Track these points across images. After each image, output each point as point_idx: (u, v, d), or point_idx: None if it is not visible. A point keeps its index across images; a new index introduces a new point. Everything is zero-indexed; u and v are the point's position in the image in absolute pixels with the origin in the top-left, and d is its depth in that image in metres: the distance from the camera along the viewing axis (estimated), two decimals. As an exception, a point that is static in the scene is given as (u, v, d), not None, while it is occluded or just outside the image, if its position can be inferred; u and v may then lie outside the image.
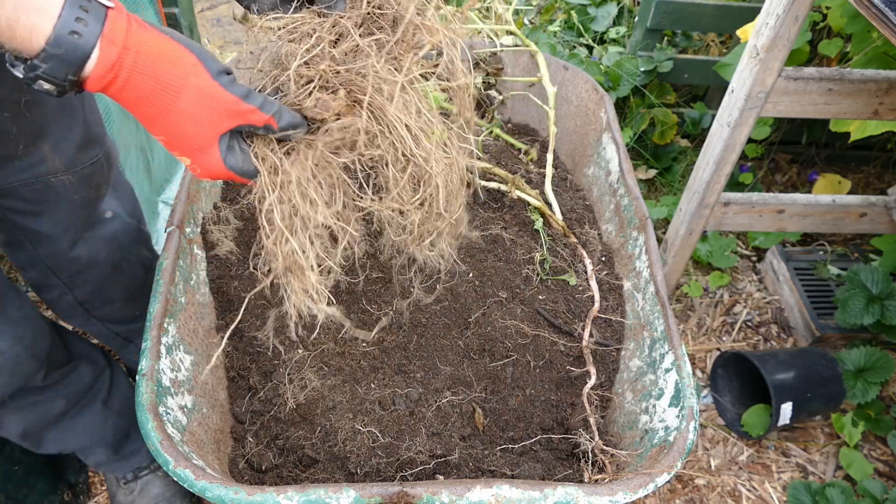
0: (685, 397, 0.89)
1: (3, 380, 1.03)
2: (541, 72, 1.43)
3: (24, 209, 1.03)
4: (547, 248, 1.20)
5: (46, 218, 1.05)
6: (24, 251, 1.10)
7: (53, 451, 1.24)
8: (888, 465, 1.67)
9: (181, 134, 0.66)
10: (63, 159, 1.01)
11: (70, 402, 1.21)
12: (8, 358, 1.02)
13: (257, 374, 1.02)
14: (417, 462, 0.91)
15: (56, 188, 1.02)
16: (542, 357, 1.06)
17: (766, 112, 1.50)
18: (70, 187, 1.04)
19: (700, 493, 1.61)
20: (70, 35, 0.56)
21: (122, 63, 0.60)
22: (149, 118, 0.64)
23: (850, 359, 1.68)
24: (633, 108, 2.22)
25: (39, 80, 0.58)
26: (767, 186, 2.39)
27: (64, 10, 0.56)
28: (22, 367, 1.05)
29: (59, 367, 1.17)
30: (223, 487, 0.73)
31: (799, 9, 1.29)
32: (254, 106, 0.68)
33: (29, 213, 1.04)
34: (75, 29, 0.56)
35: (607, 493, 0.76)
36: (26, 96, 0.89)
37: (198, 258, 1.09)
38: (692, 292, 2.02)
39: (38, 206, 1.03)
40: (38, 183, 1.00)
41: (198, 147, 0.67)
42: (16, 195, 1.00)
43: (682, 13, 2.02)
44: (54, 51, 0.56)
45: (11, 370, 1.04)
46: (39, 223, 1.05)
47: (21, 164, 0.96)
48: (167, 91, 0.63)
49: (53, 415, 1.19)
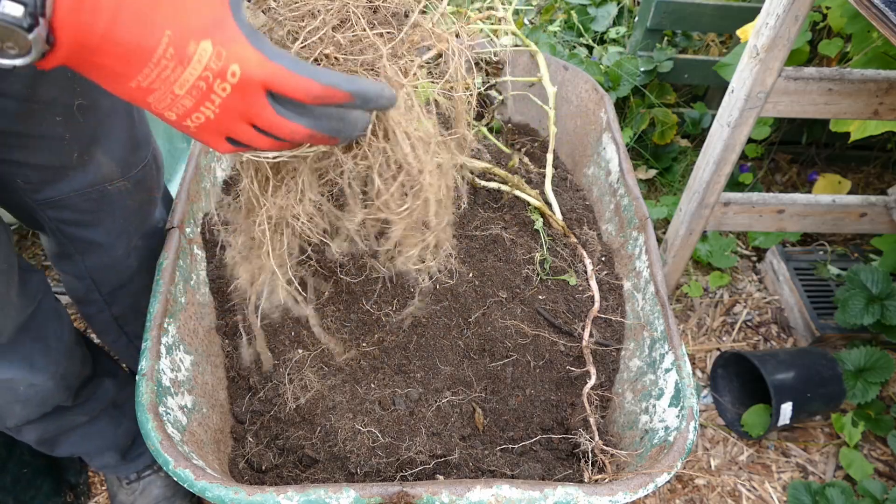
0: (685, 397, 0.89)
1: (32, 409, 1.03)
2: (541, 72, 1.43)
3: (78, 220, 0.99)
4: (547, 248, 1.20)
5: (101, 227, 1.01)
6: (71, 262, 1.06)
7: (66, 454, 1.24)
8: (888, 465, 1.67)
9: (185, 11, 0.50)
10: (118, 165, 0.97)
11: (92, 416, 1.21)
12: (39, 391, 1.01)
13: (257, 374, 1.02)
14: (417, 462, 0.91)
15: (112, 196, 0.98)
16: (542, 357, 1.06)
17: (766, 112, 1.50)
18: (125, 193, 1.00)
19: (700, 493, 1.61)
20: None
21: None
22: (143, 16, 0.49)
23: (850, 359, 1.68)
24: (633, 108, 2.22)
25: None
26: (767, 186, 2.39)
27: None
28: (52, 399, 1.05)
29: (85, 385, 1.16)
30: (223, 487, 0.73)
31: (799, 9, 1.29)
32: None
33: (83, 224, 1.00)
34: None
35: (607, 493, 0.76)
36: (79, 99, 0.85)
37: (198, 258, 1.09)
38: (692, 292, 2.02)
39: (93, 216, 0.99)
40: (93, 192, 0.96)
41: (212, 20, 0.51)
42: (71, 207, 0.96)
43: (682, 13, 2.02)
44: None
45: (41, 401, 1.03)
46: (94, 232, 1.01)
47: (76, 174, 0.93)
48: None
49: (73, 426, 1.19)
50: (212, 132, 0.56)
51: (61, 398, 1.06)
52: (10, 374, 0.96)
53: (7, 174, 0.90)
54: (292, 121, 0.56)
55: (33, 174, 0.91)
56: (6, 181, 0.91)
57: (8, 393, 0.98)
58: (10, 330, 0.93)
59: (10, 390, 0.97)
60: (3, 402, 0.98)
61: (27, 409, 1.02)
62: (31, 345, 0.97)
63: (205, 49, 0.50)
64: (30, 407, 1.02)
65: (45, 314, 1.00)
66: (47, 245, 1.08)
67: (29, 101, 0.79)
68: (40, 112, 0.47)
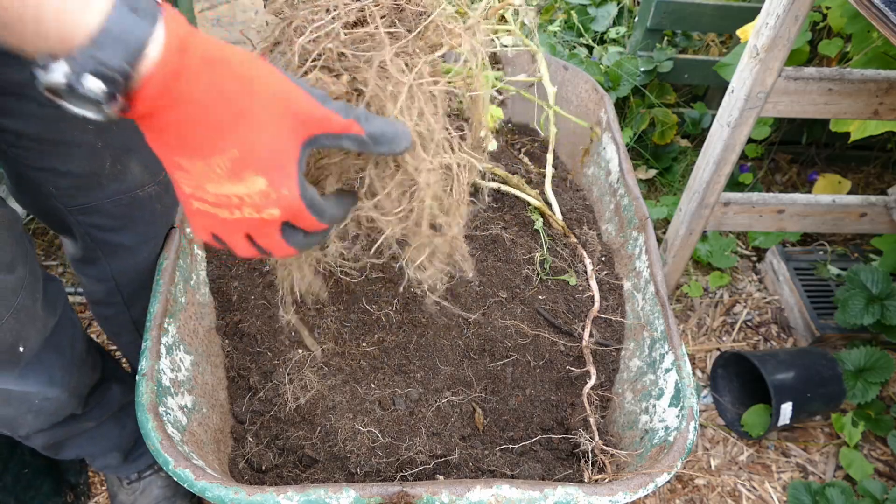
0: (685, 397, 0.89)
1: (43, 419, 1.03)
2: (541, 72, 1.43)
3: (107, 225, 0.99)
4: (547, 248, 1.20)
5: (130, 230, 1.01)
6: (96, 266, 1.06)
7: (71, 457, 1.24)
8: (888, 465, 1.67)
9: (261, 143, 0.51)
10: (149, 170, 0.97)
11: (99, 422, 1.21)
12: (52, 403, 1.01)
13: (257, 374, 1.02)
14: (417, 462, 0.91)
15: (143, 200, 0.99)
16: (542, 357, 1.06)
17: (766, 112, 1.50)
18: (155, 198, 1.00)
19: (700, 493, 1.61)
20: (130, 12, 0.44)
21: (188, 43, 0.46)
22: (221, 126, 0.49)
23: (850, 359, 1.68)
24: (633, 108, 2.22)
25: (86, 75, 0.44)
26: (767, 186, 2.39)
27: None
28: (65, 409, 1.05)
29: (94, 392, 1.16)
30: (223, 487, 0.73)
31: (799, 9, 1.29)
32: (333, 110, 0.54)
33: (112, 229, 1.00)
34: (136, 6, 0.45)
35: (607, 493, 0.76)
36: None
37: (198, 258, 1.09)
38: (692, 292, 2.02)
39: (122, 221, 0.99)
40: (124, 198, 0.96)
41: (279, 158, 0.52)
42: (102, 212, 0.96)
43: (682, 13, 2.02)
44: (113, 28, 0.43)
45: (53, 411, 1.03)
46: (122, 236, 1.01)
47: (109, 183, 0.93)
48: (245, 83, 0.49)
49: (81, 431, 1.19)
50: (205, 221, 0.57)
51: (73, 407, 1.07)
52: (30, 388, 0.96)
53: (40, 180, 0.90)
54: (289, 243, 0.58)
55: (65, 181, 0.91)
56: (39, 187, 0.91)
57: (22, 405, 0.98)
58: (38, 344, 0.92)
59: (24, 402, 0.97)
60: (17, 413, 0.98)
61: (39, 419, 1.02)
62: (51, 358, 0.97)
63: (256, 182, 0.52)
64: (42, 417, 1.02)
65: (64, 325, 1.00)
66: (71, 249, 1.08)
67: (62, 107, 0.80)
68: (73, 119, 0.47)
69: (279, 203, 0.53)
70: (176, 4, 2.08)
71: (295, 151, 0.53)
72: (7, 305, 0.83)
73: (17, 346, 0.87)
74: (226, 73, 0.49)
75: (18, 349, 0.88)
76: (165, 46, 0.45)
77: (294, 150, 0.53)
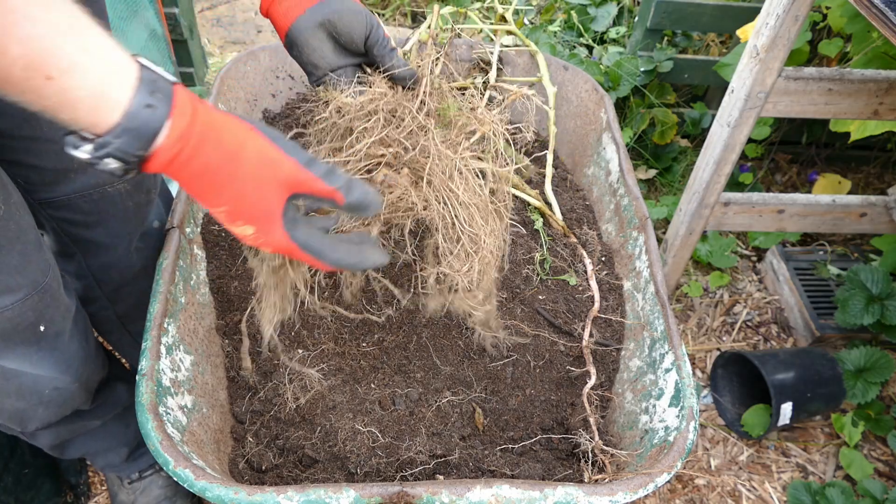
0: (685, 397, 0.89)
1: (53, 411, 1.03)
2: (541, 72, 1.43)
3: (79, 220, 1.00)
4: (547, 248, 1.20)
5: (102, 227, 1.03)
6: (74, 262, 1.07)
7: (76, 455, 1.25)
8: (888, 465, 1.67)
9: (246, 202, 0.63)
10: None
11: (105, 420, 1.22)
12: (62, 392, 1.01)
13: (257, 374, 1.02)
14: (417, 462, 0.91)
15: (112, 197, 1.00)
16: (542, 357, 1.06)
17: (766, 112, 1.50)
18: (125, 194, 1.02)
19: (700, 493, 1.61)
20: (146, 108, 0.55)
21: (190, 133, 0.59)
22: (214, 188, 0.62)
23: (850, 359, 1.68)
24: (633, 108, 2.22)
25: (108, 157, 0.56)
26: (767, 186, 2.39)
27: (140, 83, 0.56)
28: (73, 401, 1.05)
29: (101, 389, 1.17)
30: (223, 487, 0.73)
31: (799, 9, 1.29)
32: (316, 174, 0.66)
33: (84, 224, 1.01)
34: (150, 102, 0.56)
35: (607, 493, 0.76)
36: None
37: (198, 258, 1.09)
38: (692, 292, 2.02)
39: (94, 217, 1.01)
40: (94, 193, 0.98)
41: (262, 216, 0.65)
42: (71, 207, 0.98)
43: (682, 13, 2.02)
44: (130, 124, 0.55)
45: (62, 403, 1.03)
46: (95, 233, 1.03)
47: (77, 177, 0.94)
48: (231, 158, 0.61)
49: (86, 430, 1.20)
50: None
51: (82, 401, 1.07)
52: (44, 372, 0.96)
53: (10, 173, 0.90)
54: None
55: (35, 175, 0.92)
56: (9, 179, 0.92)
57: (34, 396, 0.98)
58: (59, 327, 0.93)
59: (36, 393, 0.98)
60: (28, 405, 0.99)
61: (49, 411, 1.02)
62: (68, 344, 0.98)
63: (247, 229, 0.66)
64: (52, 409, 1.02)
65: (80, 314, 1.02)
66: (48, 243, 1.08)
67: None
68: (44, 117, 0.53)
69: (269, 245, 0.67)
70: (176, 5, 2.08)
71: (279, 205, 0.65)
72: (35, 283, 0.85)
73: (39, 325, 0.88)
74: (218, 148, 0.61)
75: (39, 328, 0.89)
76: (172, 129, 0.57)
77: (278, 205, 0.65)
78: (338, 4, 0.82)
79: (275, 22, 0.84)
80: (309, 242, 0.68)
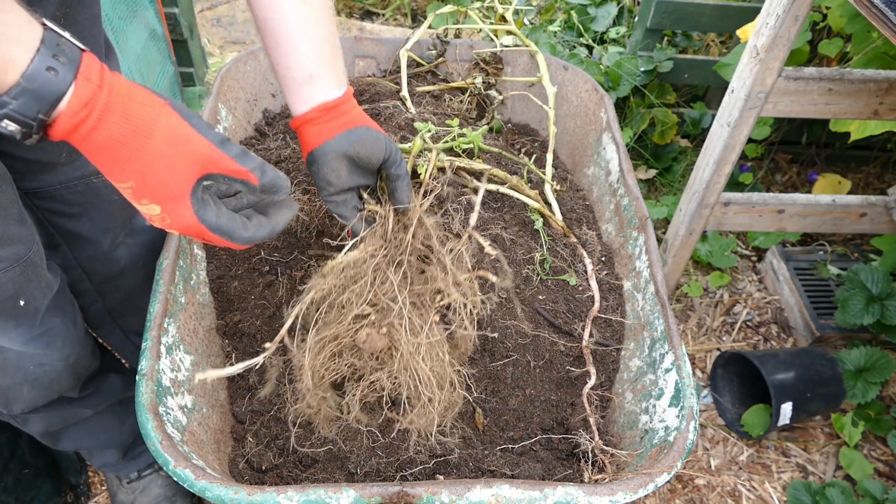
0: (685, 397, 0.89)
1: (38, 392, 1.03)
2: (541, 72, 1.43)
3: (64, 211, 1.01)
4: (547, 248, 1.20)
5: (86, 220, 1.03)
6: (60, 253, 1.08)
7: (69, 448, 1.25)
8: (888, 465, 1.67)
9: (153, 179, 0.63)
10: None
11: (97, 411, 1.22)
12: (47, 371, 1.01)
13: (257, 374, 1.02)
14: (417, 462, 0.91)
15: (97, 189, 1.00)
16: (542, 357, 1.06)
17: (766, 112, 1.50)
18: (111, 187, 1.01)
19: (700, 493, 1.62)
20: (47, 71, 0.55)
21: (95, 101, 0.58)
22: (119, 162, 0.61)
23: (850, 359, 1.68)
24: (633, 108, 2.23)
25: (5, 119, 0.55)
26: (767, 186, 2.39)
27: (42, 45, 0.55)
28: (59, 384, 1.05)
29: (92, 379, 1.17)
30: (223, 487, 0.73)
31: (799, 9, 1.29)
32: (229, 154, 0.66)
33: (69, 215, 1.02)
34: (52, 65, 0.55)
35: (607, 493, 0.76)
36: None
37: (198, 258, 1.09)
38: (692, 292, 2.02)
39: (79, 208, 1.01)
40: (79, 185, 0.98)
41: (169, 195, 0.64)
42: (56, 198, 0.98)
43: (682, 13, 2.02)
44: (29, 85, 0.54)
45: (48, 384, 1.03)
46: (79, 225, 1.04)
47: (63, 168, 0.95)
48: (139, 132, 0.61)
49: (78, 419, 1.20)
50: None
51: (68, 384, 1.07)
52: (27, 349, 0.96)
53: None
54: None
55: (21, 165, 0.92)
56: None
57: (18, 372, 0.98)
58: (40, 304, 0.94)
59: (20, 369, 0.98)
60: (12, 381, 0.99)
61: (34, 392, 1.02)
62: (52, 322, 0.98)
63: (153, 208, 0.65)
64: (37, 389, 1.02)
65: (64, 295, 1.02)
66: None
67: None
68: None
69: (175, 225, 0.67)
70: (176, 5, 2.08)
71: (188, 185, 0.64)
72: (17, 256, 0.85)
73: (18, 300, 0.88)
74: (125, 120, 0.60)
75: (19, 302, 0.89)
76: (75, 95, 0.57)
77: (187, 185, 0.64)
78: (364, 133, 0.85)
79: (302, 139, 0.87)
80: (219, 223, 0.69)
